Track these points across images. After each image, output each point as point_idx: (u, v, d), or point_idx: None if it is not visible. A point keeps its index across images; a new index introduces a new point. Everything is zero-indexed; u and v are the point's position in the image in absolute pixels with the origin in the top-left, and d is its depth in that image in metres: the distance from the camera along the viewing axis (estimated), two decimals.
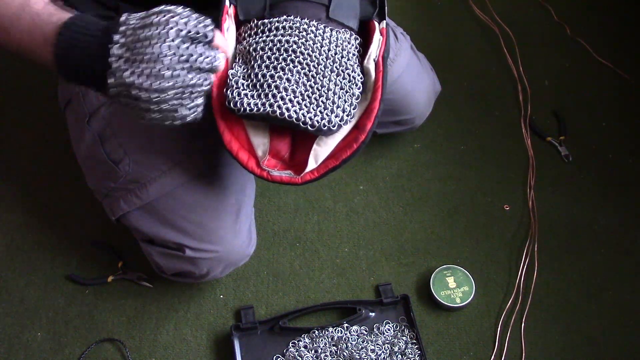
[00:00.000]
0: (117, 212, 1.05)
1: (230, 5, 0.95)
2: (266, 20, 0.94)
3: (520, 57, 1.55)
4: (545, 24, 1.64)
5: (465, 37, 1.62)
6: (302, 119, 0.88)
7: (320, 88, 0.90)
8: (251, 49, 0.92)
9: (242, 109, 0.87)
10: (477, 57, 1.58)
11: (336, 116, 0.90)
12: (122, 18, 0.75)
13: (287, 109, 0.87)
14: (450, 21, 1.65)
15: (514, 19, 1.63)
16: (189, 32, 0.74)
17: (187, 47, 0.74)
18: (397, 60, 1.19)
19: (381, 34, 0.97)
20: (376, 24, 0.98)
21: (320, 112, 0.89)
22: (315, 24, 0.93)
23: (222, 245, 1.04)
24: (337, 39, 0.93)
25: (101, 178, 1.05)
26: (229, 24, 0.95)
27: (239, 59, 0.93)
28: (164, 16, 0.74)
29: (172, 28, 0.73)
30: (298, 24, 0.92)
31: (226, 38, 0.93)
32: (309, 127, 0.88)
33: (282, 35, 0.92)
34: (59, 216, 1.27)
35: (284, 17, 0.93)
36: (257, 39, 0.93)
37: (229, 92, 0.89)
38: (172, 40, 0.73)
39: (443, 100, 1.39)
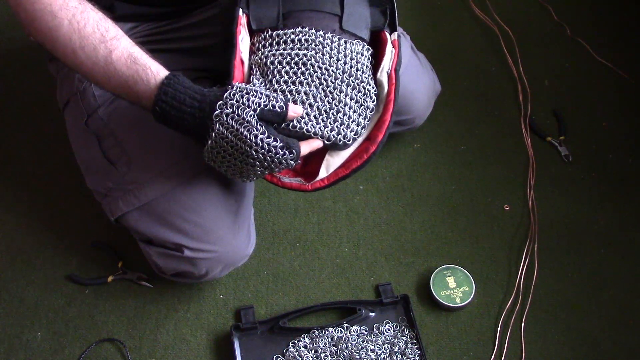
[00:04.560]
0: (116, 213, 1.05)
1: (242, 14, 0.96)
2: (281, 32, 0.94)
3: (520, 57, 1.55)
4: (545, 24, 1.64)
5: (465, 37, 1.62)
6: (320, 134, 0.90)
7: (337, 104, 0.91)
8: (268, 62, 0.93)
9: None
10: (477, 57, 1.58)
11: (351, 131, 0.91)
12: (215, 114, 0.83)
13: (305, 124, 0.89)
14: (450, 21, 1.65)
15: (514, 19, 1.63)
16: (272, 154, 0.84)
17: (268, 158, 0.84)
18: None
19: (393, 45, 0.97)
20: (388, 35, 0.98)
21: (337, 127, 0.91)
22: (330, 36, 0.94)
23: (221, 245, 1.04)
24: (351, 51, 0.94)
25: (100, 178, 1.05)
26: (244, 35, 0.95)
27: (255, 71, 0.94)
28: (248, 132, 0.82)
29: (263, 161, 0.84)
30: (314, 37, 0.93)
31: (241, 50, 0.94)
32: (325, 142, 0.90)
33: (299, 49, 0.92)
34: (59, 216, 1.27)
35: (299, 28, 0.94)
36: (273, 51, 0.94)
37: None
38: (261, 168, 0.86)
39: (443, 100, 1.39)
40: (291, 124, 0.89)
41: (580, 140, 1.42)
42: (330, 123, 0.91)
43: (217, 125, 0.83)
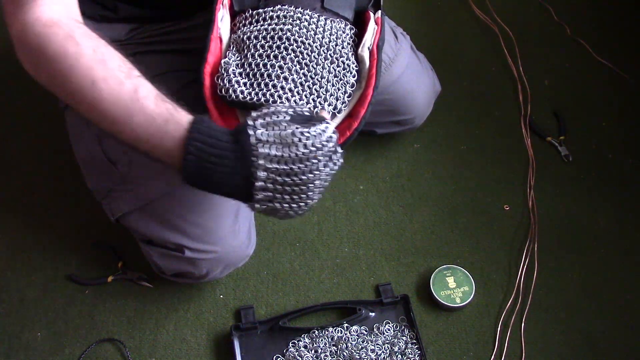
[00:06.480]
0: (116, 213, 1.05)
1: None
2: (261, 10, 0.94)
3: (520, 57, 1.55)
4: (545, 24, 1.64)
5: (465, 37, 1.62)
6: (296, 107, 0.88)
7: (314, 76, 0.89)
8: (245, 37, 0.92)
9: (234, 97, 0.87)
10: (477, 57, 1.58)
11: (329, 104, 0.89)
12: (252, 141, 0.74)
13: (280, 97, 0.87)
14: (450, 21, 1.65)
15: (514, 19, 1.63)
16: (329, 150, 0.76)
17: (328, 170, 0.77)
18: (397, 60, 1.19)
19: (376, 23, 0.96)
20: (371, 14, 0.97)
21: (314, 100, 0.88)
22: (310, 12, 0.93)
23: (221, 245, 1.04)
24: (331, 27, 0.93)
25: (100, 178, 1.05)
26: (223, 13, 0.95)
27: (232, 47, 0.93)
28: (305, 146, 0.74)
29: (318, 162, 0.75)
30: (292, 13, 0.92)
31: (220, 27, 0.93)
32: None
33: (277, 24, 0.91)
34: (59, 216, 1.27)
35: (279, 6, 0.93)
36: (251, 28, 0.93)
37: (220, 80, 0.89)
38: (319, 172, 0.75)
39: (443, 100, 1.39)
40: (263, 98, 0.86)
41: (580, 140, 1.42)
42: (306, 96, 0.88)
43: (260, 148, 0.74)
